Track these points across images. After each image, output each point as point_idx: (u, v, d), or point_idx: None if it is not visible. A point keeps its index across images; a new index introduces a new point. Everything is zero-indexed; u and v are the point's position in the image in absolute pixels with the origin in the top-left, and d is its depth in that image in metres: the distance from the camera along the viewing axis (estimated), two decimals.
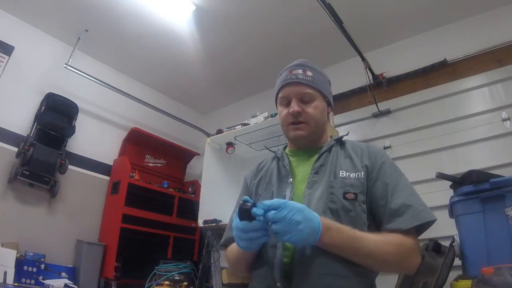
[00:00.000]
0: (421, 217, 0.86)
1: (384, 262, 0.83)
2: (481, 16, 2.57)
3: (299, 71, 1.03)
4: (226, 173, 3.12)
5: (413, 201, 0.89)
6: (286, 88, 1.04)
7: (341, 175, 0.95)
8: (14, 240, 2.46)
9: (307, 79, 1.02)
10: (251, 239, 0.81)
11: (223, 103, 4.14)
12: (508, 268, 1.25)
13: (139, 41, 3.08)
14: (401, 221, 0.86)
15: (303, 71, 1.03)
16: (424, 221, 0.86)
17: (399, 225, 0.86)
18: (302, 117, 1.01)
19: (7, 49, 2.74)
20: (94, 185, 3.16)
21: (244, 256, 0.95)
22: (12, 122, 2.71)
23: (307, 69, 1.04)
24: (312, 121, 1.02)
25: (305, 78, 1.02)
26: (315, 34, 2.88)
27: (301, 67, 1.05)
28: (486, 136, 2.28)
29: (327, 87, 1.10)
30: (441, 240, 1.82)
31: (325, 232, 0.79)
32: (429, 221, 0.87)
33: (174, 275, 2.60)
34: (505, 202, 1.52)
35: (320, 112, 1.04)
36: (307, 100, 1.02)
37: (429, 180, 2.23)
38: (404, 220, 0.86)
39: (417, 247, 0.88)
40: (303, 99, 1.02)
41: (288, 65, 1.09)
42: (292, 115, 1.01)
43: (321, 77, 1.07)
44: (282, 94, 1.06)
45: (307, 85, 1.02)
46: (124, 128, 3.48)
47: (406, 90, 2.74)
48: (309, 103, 1.02)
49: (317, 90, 1.04)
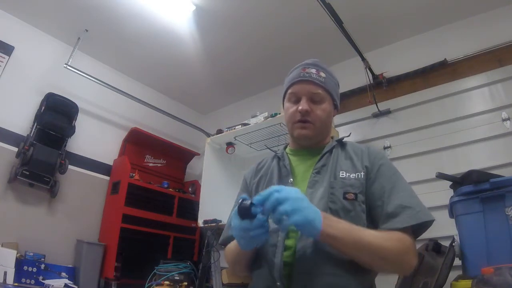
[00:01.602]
0: (418, 217, 0.85)
1: (383, 259, 0.82)
2: (481, 16, 2.57)
3: (313, 70, 1.03)
4: (226, 173, 3.12)
5: (411, 203, 0.88)
6: (298, 85, 1.03)
7: (341, 175, 0.95)
8: (14, 240, 2.46)
9: (320, 80, 1.02)
10: (253, 237, 0.80)
11: (223, 103, 4.14)
12: (508, 268, 1.25)
13: (139, 41, 3.08)
14: (396, 221, 0.86)
15: (317, 71, 1.03)
16: (421, 221, 0.85)
17: (395, 224, 0.85)
18: (310, 116, 1.00)
19: (7, 49, 2.74)
20: (94, 185, 3.16)
21: (244, 255, 0.95)
22: (12, 122, 2.71)
23: (320, 70, 1.04)
24: (319, 122, 1.02)
25: (319, 78, 1.02)
26: (315, 34, 2.88)
27: (315, 67, 1.04)
28: (486, 136, 2.28)
29: (337, 90, 1.09)
30: (441, 240, 1.82)
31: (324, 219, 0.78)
32: (427, 221, 0.86)
33: (174, 275, 2.60)
34: (505, 202, 1.52)
35: (327, 114, 1.04)
36: (317, 100, 1.01)
37: (429, 180, 2.23)
38: (399, 220, 0.85)
39: (415, 247, 0.87)
40: (313, 98, 1.01)
41: (301, 63, 1.07)
42: (300, 113, 1.00)
43: (333, 79, 1.07)
44: (292, 90, 1.04)
45: (320, 85, 1.01)
46: (124, 128, 3.48)
47: (406, 90, 2.75)
48: (319, 104, 1.02)
49: (328, 92, 1.03)
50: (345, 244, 0.80)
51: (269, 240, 0.91)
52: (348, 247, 0.81)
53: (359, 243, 0.80)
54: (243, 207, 0.78)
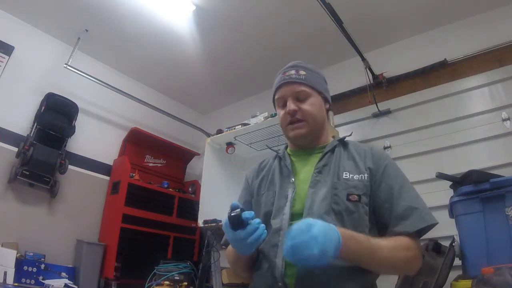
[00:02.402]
0: (426, 220, 0.87)
1: (393, 267, 0.85)
2: (481, 16, 2.56)
3: (292, 72, 1.05)
4: (226, 173, 3.12)
5: (418, 204, 0.90)
6: (281, 89, 1.06)
7: (345, 176, 0.95)
8: (14, 240, 2.46)
9: (300, 78, 1.04)
10: (251, 243, 0.80)
11: (223, 103, 4.14)
12: (508, 268, 1.25)
13: (139, 41, 3.08)
14: (407, 224, 0.87)
15: (296, 71, 1.05)
16: (428, 224, 0.87)
17: (406, 228, 0.87)
18: (299, 114, 1.02)
19: (7, 49, 2.74)
20: (94, 185, 3.16)
21: (244, 257, 0.95)
22: (12, 122, 2.71)
23: (299, 69, 1.06)
24: (310, 118, 1.02)
25: (298, 77, 1.04)
26: (315, 34, 2.88)
27: (294, 68, 1.07)
28: (486, 136, 2.28)
29: (322, 84, 1.11)
30: (441, 240, 1.82)
31: (343, 245, 0.75)
32: (432, 224, 0.88)
33: (174, 275, 2.60)
34: (505, 202, 1.52)
35: (317, 108, 1.05)
36: (303, 98, 1.03)
37: (429, 180, 2.22)
38: (410, 223, 0.87)
39: (420, 251, 0.89)
40: (298, 97, 1.03)
41: (282, 68, 1.11)
42: (289, 114, 1.02)
43: (315, 74, 1.08)
44: (278, 96, 1.07)
45: (300, 83, 1.03)
46: (124, 128, 3.48)
47: (406, 90, 2.74)
48: (305, 101, 1.03)
49: (311, 87, 1.04)
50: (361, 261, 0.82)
51: (270, 241, 0.91)
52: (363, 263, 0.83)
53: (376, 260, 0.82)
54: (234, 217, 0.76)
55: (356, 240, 0.79)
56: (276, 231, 0.92)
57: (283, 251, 0.75)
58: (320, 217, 0.87)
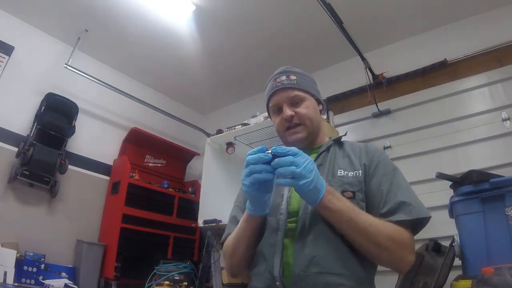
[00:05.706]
0: (415, 213, 0.86)
1: (378, 245, 0.82)
2: (481, 16, 2.57)
3: (283, 78, 1.07)
4: (226, 173, 3.12)
5: (408, 198, 0.89)
6: (274, 96, 1.08)
7: (339, 174, 0.96)
8: (14, 240, 2.46)
9: (292, 83, 1.05)
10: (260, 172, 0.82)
11: (223, 103, 4.14)
12: (508, 268, 1.25)
13: (139, 41, 3.08)
14: (395, 216, 0.87)
15: (287, 76, 1.07)
16: (417, 217, 0.86)
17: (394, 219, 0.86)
18: (296, 119, 1.03)
19: (7, 49, 2.74)
20: (94, 185, 3.16)
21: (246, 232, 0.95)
22: (12, 122, 2.71)
23: (290, 74, 1.08)
24: (307, 120, 1.04)
25: (290, 82, 1.06)
26: (315, 34, 2.88)
27: (284, 73, 1.08)
28: (486, 136, 2.28)
29: (314, 86, 1.12)
30: (441, 240, 1.82)
31: (327, 194, 0.83)
32: (423, 217, 0.87)
33: (174, 275, 2.60)
34: (505, 202, 1.52)
35: (313, 110, 1.06)
36: (297, 102, 1.05)
37: (429, 180, 2.23)
38: (398, 215, 0.87)
39: (413, 243, 0.88)
40: (293, 102, 1.05)
41: (271, 75, 1.12)
42: (287, 120, 1.03)
43: (305, 77, 1.10)
44: (272, 103, 1.09)
45: (293, 88, 1.05)
46: (124, 128, 3.48)
47: (406, 90, 2.75)
48: (300, 105, 1.05)
49: (304, 91, 1.07)
50: (340, 219, 0.83)
51: (268, 240, 0.92)
52: (343, 223, 0.83)
53: (354, 221, 0.82)
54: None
55: (338, 198, 0.84)
56: (273, 231, 0.92)
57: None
58: (316, 215, 0.88)
